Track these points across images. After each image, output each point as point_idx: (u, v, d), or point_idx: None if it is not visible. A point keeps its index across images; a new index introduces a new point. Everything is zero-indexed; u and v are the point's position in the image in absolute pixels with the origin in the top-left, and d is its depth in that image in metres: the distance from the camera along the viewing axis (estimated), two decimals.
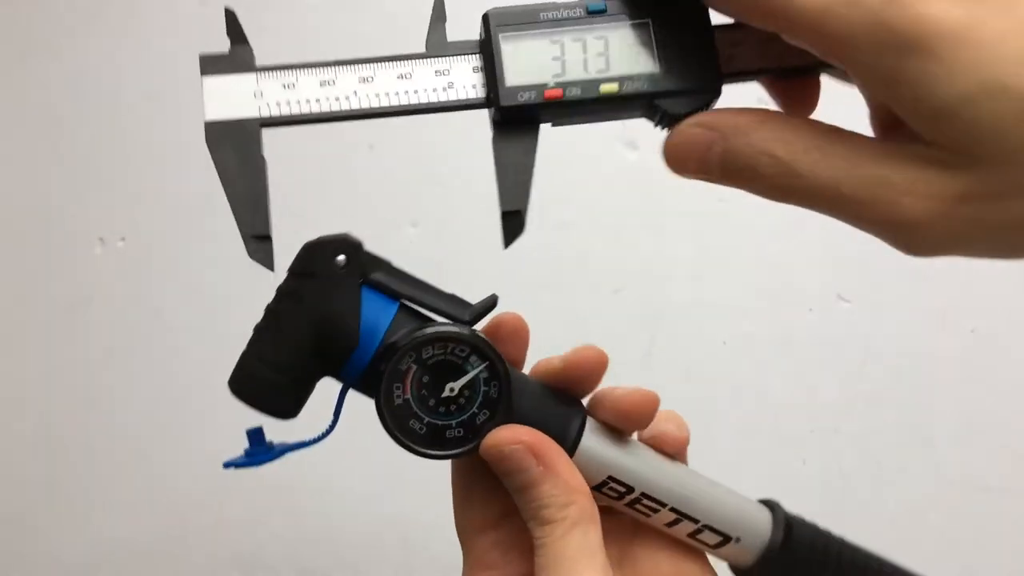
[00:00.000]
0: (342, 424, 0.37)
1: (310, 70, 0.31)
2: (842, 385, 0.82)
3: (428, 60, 0.32)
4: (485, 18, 0.32)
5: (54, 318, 0.93)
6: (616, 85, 0.31)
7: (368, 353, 0.33)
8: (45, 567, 0.91)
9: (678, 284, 0.84)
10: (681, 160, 0.30)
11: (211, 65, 0.32)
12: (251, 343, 0.34)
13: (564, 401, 0.35)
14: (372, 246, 0.36)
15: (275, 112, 0.31)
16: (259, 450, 0.34)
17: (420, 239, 0.85)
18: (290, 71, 0.31)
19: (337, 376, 0.35)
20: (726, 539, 0.36)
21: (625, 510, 0.36)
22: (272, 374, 0.34)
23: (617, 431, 0.35)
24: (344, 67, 0.31)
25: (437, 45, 0.32)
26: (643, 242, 0.85)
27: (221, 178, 0.31)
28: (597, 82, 0.31)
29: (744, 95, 0.31)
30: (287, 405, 0.35)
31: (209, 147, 0.31)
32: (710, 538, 0.36)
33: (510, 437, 0.33)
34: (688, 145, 0.29)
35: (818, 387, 0.82)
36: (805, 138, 0.27)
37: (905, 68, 0.24)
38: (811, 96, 0.32)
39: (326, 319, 0.33)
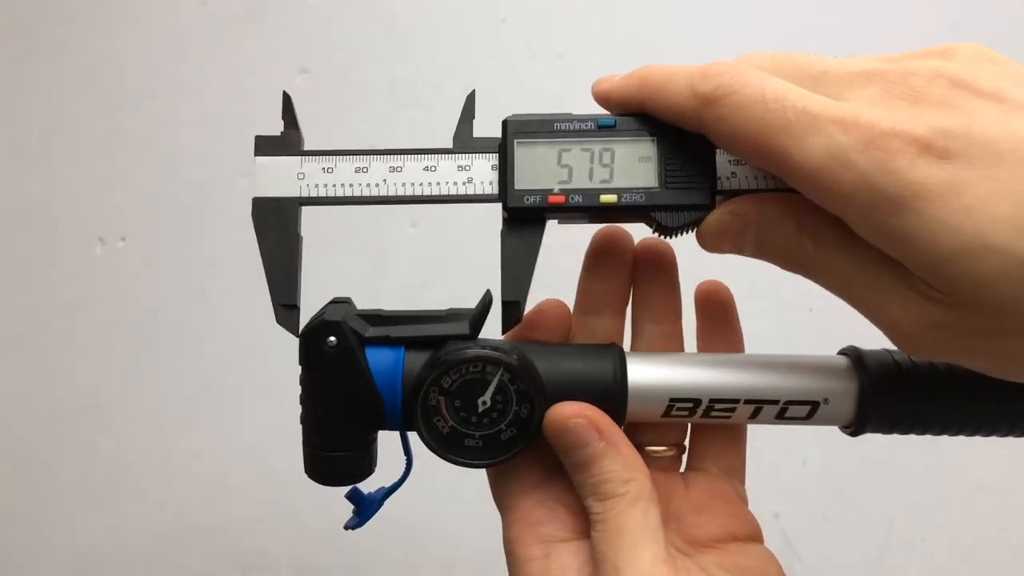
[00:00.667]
0: None
1: (347, 157, 0.35)
2: None
3: (452, 155, 0.35)
4: (504, 124, 0.35)
5: (54, 318, 0.93)
6: (615, 196, 0.33)
7: (397, 400, 0.35)
8: (45, 567, 0.91)
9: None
10: (717, 243, 0.33)
11: (265, 147, 0.36)
12: (303, 436, 0.36)
13: (595, 350, 0.36)
14: (372, 246, 0.36)
15: (314, 193, 0.35)
16: (366, 507, 0.38)
17: (420, 239, 0.85)
18: (330, 157, 0.35)
19: (385, 428, 0.37)
20: (814, 406, 0.36)
21: (705, 422, 0.37)
22: (333, 454, 0.36)
23: (659, 352, 0.37)
24: (377, 156, 0.35)
25: (463, 140, 0.35)
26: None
27: (260, 248, 0.35)
28: (598, 192, 0.33)
29: None
30: (361, 469, 0.37)
31: (254, 219, 0.35)
32: (799, 411, 0.36)
33: (574, 411, 0.34)
34: (723, 231, 0.33)
35: None
36: (827, 233, 0.29)
37: (895, 225, 0.25)
38: None
39: (346, 393, 0.35)
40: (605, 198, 0.33)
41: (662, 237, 0.36)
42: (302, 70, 0.91)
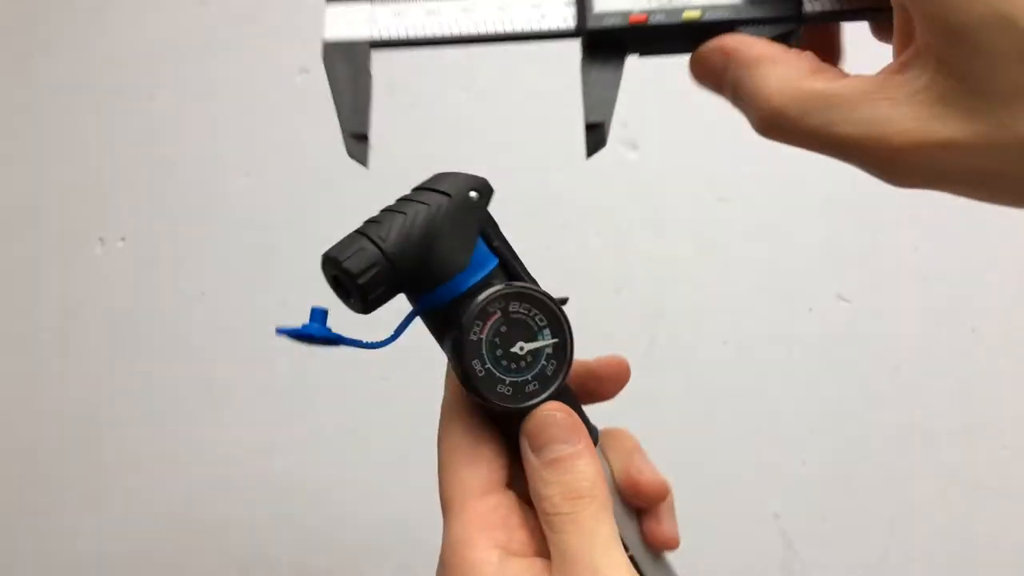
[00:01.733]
0: (342, 424, 0.38)
1: (418, 2, 0.34)
2: (842, 385, 0.82)
3: None
4: None
5: (54, 318, 0.93)
6: (699, 12, 0.32)
7: (460, 288, 0.34)
8: (45, 567, 0.91)
9: (678, 284, 0.84)
10: (700, 74, 0.32)
11: None
12: (367, 223, 0.35)
13: (585, 420, 0.36)
14: None
15: (385, 35, 0.35)
16: (316, 327, 0.36)
17: None
18: (401, 3, 0.35)
19: (419, 296, 0.35)
20: None
21: None
22: (374, 257, 0.34)
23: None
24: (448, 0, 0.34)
25: None
26: (643, 242, 0.85)
27: (331, 86, 0.35)
28: (680, 9, 0.32)
29: None
30: (369, 295, 0.34)
31: (324, 61, 0.35)
32: None
33: (563, 408, 0.34)
34: (707, 63, 0.31)
35: (818, 387, 0.82)
36: (804, 84, 0.28)
37: None
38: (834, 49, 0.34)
39: (445, 234, 0.34)
40: (688, 14, 0.32)
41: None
42: (302, 70, 0.91)
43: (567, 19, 0.33)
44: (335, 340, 0.35)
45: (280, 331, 0.36)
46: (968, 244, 0.82)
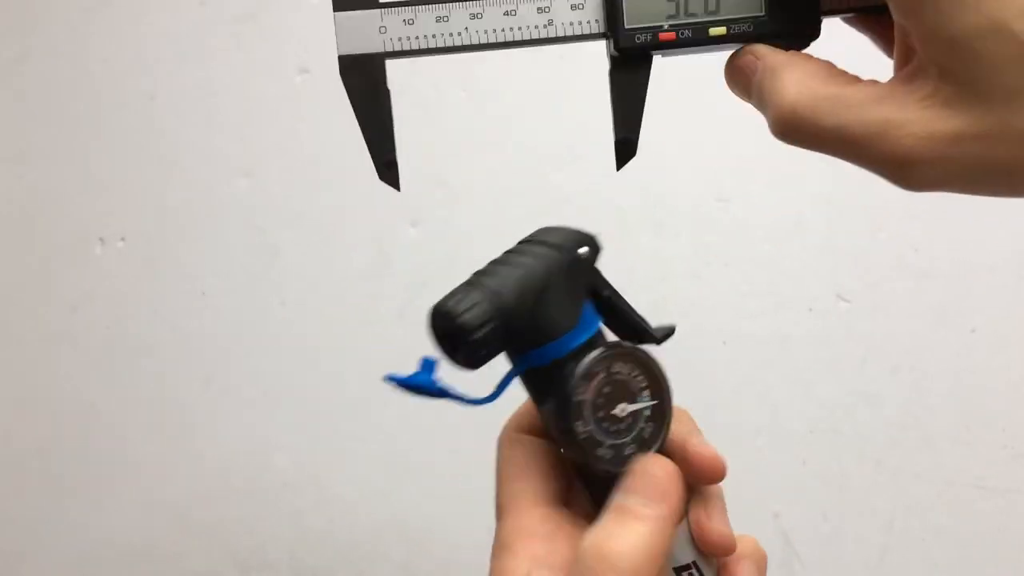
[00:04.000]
0: (342, 425, 0.37)
1: (428, 7, 0.34)
2: (842, 385, 0.82)
3: None
4: None
5: (54, 318, 0.93)
6: (724, 28, 0.34)
7: (568, 347, 0.33)
8: (45, 566, 0.91)
9: (678, 284, 0.84)
10: (733, 81, 0.34)
11: (342, 1, 0.35)
12: (478, 275, 0.33)
13: None
14: (372, 246, 0.36)
15: (398, 47, 0.35)
16: (426, 378, 0.33)
17: (420, 239, 0.85)
18: (410, 8, 0.34)
19: (523, 353, 0.34)
20: None
21: None
22: (490, 312, 0.32)
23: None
24: (457, 4, 0.34)
25: None
26: (643, 242, 0.85)
27: (353, 107, 0.35)
28: (707, 25, 0.34)
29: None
30: (480, 352, 0.32)
31: (343, 78, 0.35)
32: None
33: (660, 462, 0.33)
34: (739, 70, 0.33)
35: (818, 387, 0.82)
36: (819, 89, 0.30)
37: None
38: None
39: (556, 292, 0.33)
40: (715, 31, 0.34)
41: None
42: (302, 70, 0.91)
43: (574, 24, 0.34)
44: (442, 393, 0.34)
45: (389, 378, 0.34)
46: (968, 244, 0.82)
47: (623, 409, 0.33)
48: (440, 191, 0.85)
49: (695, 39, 0.34)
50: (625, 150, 0.36)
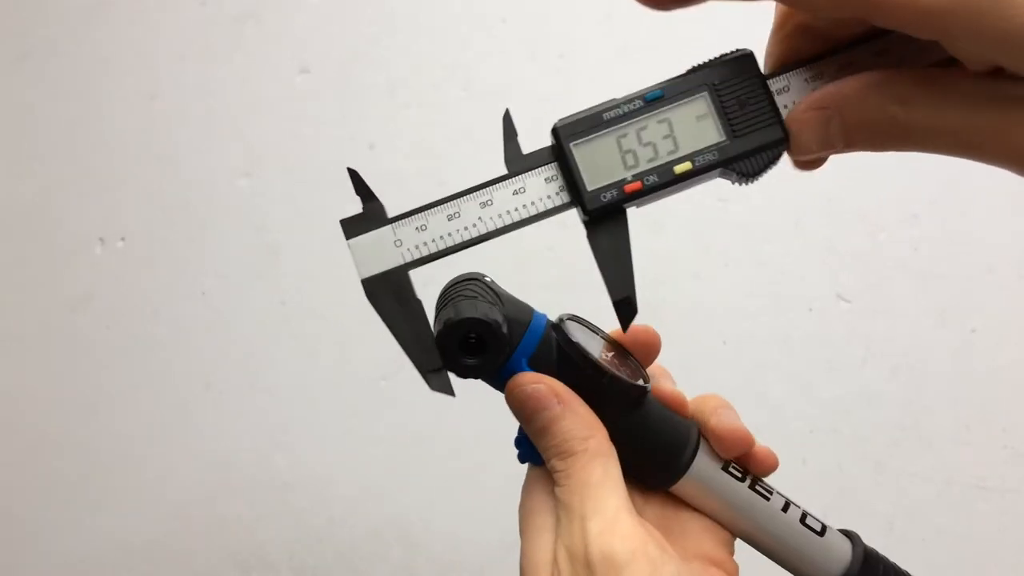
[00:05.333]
0: (342, 425, 0.37)
1: (437, 209, 0.34)
2: (842, 385, 0.82)
3: (508, 181, 0.34)
4: (555, 132, 0.34)
5: (54, 318, 0.93)
6: (689, 163, 0.33)
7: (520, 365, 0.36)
8: (45, 567, 0.91)
9: (678, 284, 0.84)
10: (806, 148, 0.32)
11: (352, 227, 0.34)
12: (454, 300, 0.37)
13: (682, 420, 0.38)
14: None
15: (416, 256, 0.34)
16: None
17: None
18: (421, 215, 0.34)
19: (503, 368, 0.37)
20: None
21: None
22: (497, 311, 0.36)
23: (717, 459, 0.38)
24: (466, 197, 0.34)
25: (515, 162, 0.34)
26: (643, 242, 0.84)
27: (387, 325, 0.35)
28: (670, 164, 0.33)
29: None
30: (504, 345, 0.35)
31: (370, 300, 0.35)
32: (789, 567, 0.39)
33: (533, 379, 0.35)
34: (807, 131, 0.31)
35: (818, 387, 0.82)
36: (916, 91, 0.29)
37: (1001, 28, 0.26)
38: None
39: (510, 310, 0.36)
40: (680, 168, 0.33)
41: (744, 185, 0.34)
42: (302, 70, 0.91)
43: (557, 195, 0.34)
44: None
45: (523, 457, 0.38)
46: (968, 244, 0.82)
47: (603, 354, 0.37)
48: (440, 191, 0.85)
49: (662, 182, 0.33)
50: (626, 310, 0.35)
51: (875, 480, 0.81)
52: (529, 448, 0.37)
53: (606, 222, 0.34)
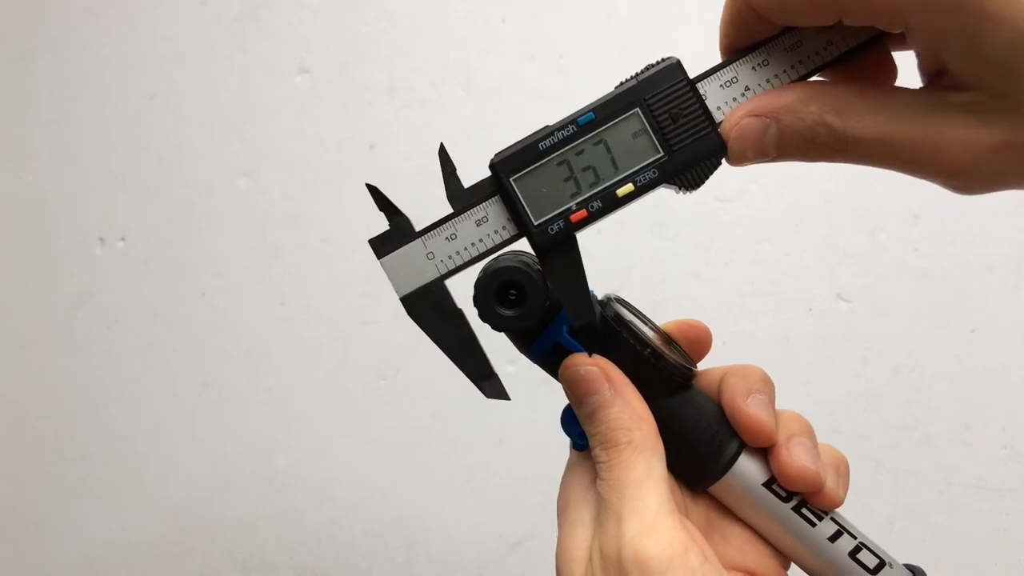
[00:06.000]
0: (342, 425, 0.37)
1: (465, 216, 0.34)
2: (842, 385, 0.82)
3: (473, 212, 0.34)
4: (492, 168, 0.34)
5: (54, 318, 0.93)
6: (631, 185, 0.33)
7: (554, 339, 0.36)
8: (45, 567, 0.91)
9: (678, 284, 0.84)
10: (740, 153, 0.32)
11: (382, 246, 0.35)
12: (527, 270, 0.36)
13: (727, 425, 0.37)
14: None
15: (451, 266, 0.34)
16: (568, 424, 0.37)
17: None
18: (448, 224, 0.34)
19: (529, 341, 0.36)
20: None
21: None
22: (531, 261, 0.35)
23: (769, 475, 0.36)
24: (492, 200, 0.34)
25: (459, 198, 0.34)
26: (643, 242, 0.85)
27: (433, 339, 0.34)
28: (613, 188, 0.33)
29: None
30: (544, 294, 0.35)
31: (412, 317, 0.34)
32: None
33: (587, 360, 0.34)
34: (743, 137, 0.31)
35: (818, 387, 0.82)
36: (853, 103, 0.29)
37: (959, 25, 0.26)
38: (887, 67, 0.34)
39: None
40: (622, 190, 0.33)
41: (687, 193, 0.34)
42: (302, 70, 0.91)
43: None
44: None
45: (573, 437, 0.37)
46: (968, 244, 0.82)
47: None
48: (440, 191, 0.85)
49: (607, 207, 0.33)
50: (587, 335, 0.35)
51: (875, 480, 0.81)
52: (573, 427, 0.36)
53: (559, 251, 0.34)
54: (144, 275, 0.92)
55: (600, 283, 0.35)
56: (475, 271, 0.35)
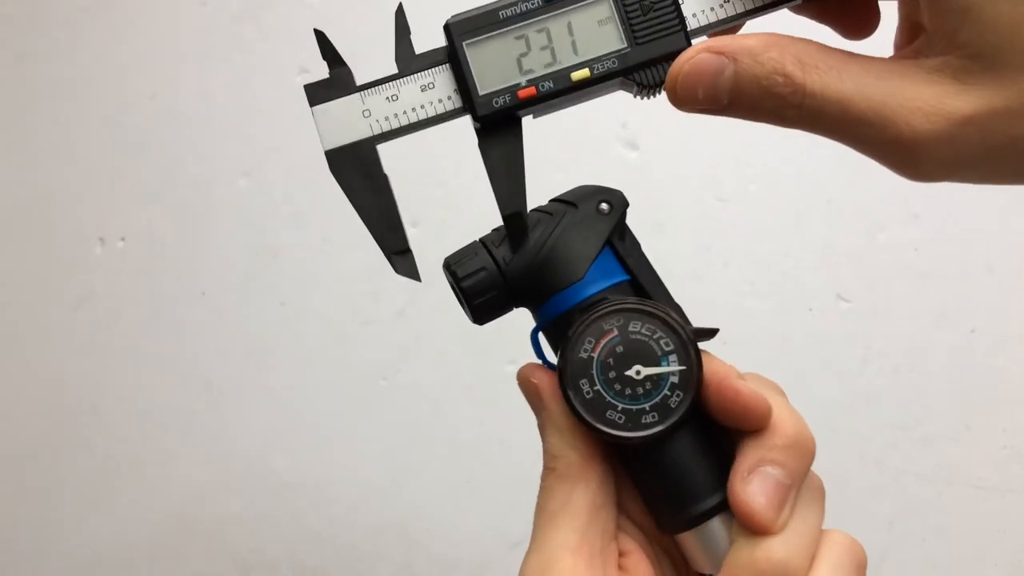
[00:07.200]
0: (342, 425, 0.37)
1: (411, 77, 0.32)
2: (842, 385, 0.82)
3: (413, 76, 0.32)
4: (447, 28, 0.32)
5: (54, 318, 0.93)
6: (587, 71, 0.31)
7: (575, 298, 0.32)
8: (45, 566, 0.91)
9: (678, 284, 0.84)
10: (690, 89, 0.29)
11: (318, 93, 0.33)
12: (493, 231, 0.34)
13: (717, 469, 0.32)
14: (372, 245, 0.36)
15: (385, 128, 0.32)
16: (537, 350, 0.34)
17: (420, 239, 0.85)
18: (392, 83, 0.32)
19: (538, 308, 0.33)
20: None
21: None
22: (482, 261, 0.33)
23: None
24: (442, 67, 0.32)
25: (405, 61, 0.33)
26: (643, 242, 0.84)
27: (352, 202, 0.33)
28: (568, 70, 0.31)
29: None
30: (473, 302, 0.33)
31: (335, 174, 0.33)
32: None
33: (527, 372, 0.33)
34: (697, 73, 0.29)
35: (818, 387, 0.82)
36: (817, 57, 0.28)
37: None
38: (870, 17, 0.32)
39: (565, 244, 0.32)
40: (577, 75, 0.31)
41: (644, 99, 0.32)
42: (302, 70, 0.91)
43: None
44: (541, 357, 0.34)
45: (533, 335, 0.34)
46: (968, 244, 0.82)
47: (638, 372, 0.31)
48: (440, 191, 0.85)
49: (558, 89, 0.31)
50: (516, 226, 0.32)
51: (875, 480, 0.81)
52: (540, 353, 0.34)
53: (499, 131, 0.32)
54: (144, 275, 0.91)
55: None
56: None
